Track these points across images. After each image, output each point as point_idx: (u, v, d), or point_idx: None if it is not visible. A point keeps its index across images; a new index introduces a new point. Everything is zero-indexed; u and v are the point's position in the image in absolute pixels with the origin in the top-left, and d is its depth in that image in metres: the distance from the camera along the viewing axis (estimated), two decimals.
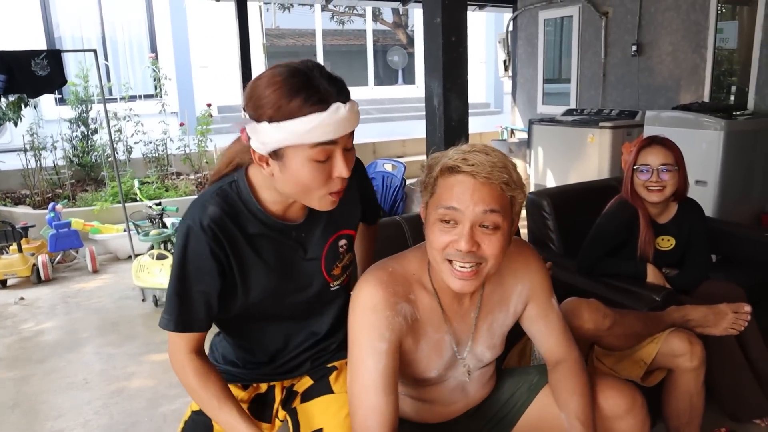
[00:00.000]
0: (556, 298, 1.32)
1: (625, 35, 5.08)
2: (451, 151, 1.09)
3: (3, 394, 2.59)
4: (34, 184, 5.42)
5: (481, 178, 1.04)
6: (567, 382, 1.26)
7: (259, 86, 0.99)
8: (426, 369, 1.20)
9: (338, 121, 0.97)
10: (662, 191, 1.97)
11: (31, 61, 3.35)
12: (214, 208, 1.07)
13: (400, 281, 1.16)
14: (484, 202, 1.04)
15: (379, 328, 1.11)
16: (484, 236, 1.06)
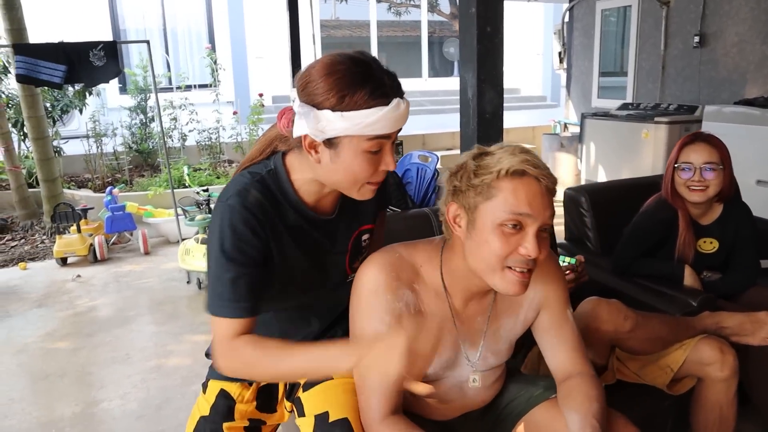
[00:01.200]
0: (572, 312, 1.25)
1: (687, 25, 4.82)
2: (499, 154, 1.04)
3: (54, 364, 2.77)
4: (95, 169, 5.72)
5: (544, 182, 1.03)
6: (586, 389, 1.17)
7: (319, 73, 0.97)
8: None
9: (398, 116, 0.99)
10: (705, 191, 1.86)
11: (89, 52, 3.53)
12: (256, 194, 1.05)
13: (406, 268, 1.14)
14: (550, 209, 1.04)
15: (379, 312, 1.09)
16: (542, 240, 1.04)
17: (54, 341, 3.02)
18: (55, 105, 5.65)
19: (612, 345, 1.56)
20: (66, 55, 3.52)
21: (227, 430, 1.20)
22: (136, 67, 6.08)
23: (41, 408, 2.39)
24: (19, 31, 4.54)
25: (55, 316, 3.34)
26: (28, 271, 4.18)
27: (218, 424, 1.21)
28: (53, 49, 3.54)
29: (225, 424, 1.21)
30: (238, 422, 1.22)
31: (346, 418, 1.12)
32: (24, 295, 3.71)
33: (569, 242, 2.52)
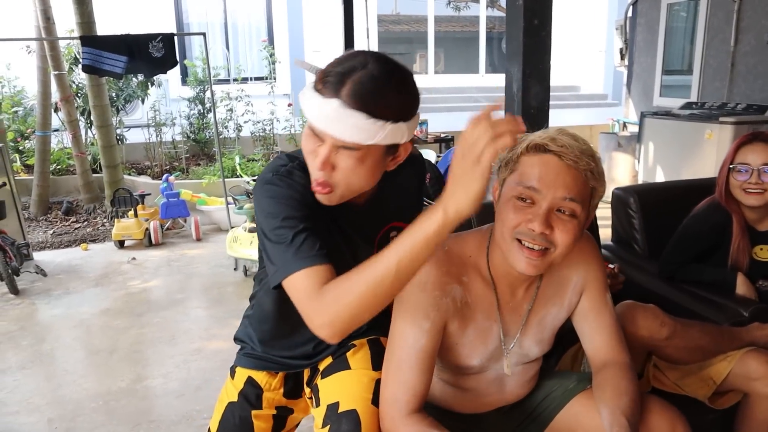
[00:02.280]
0: (610, 296, 1.24)
1: (761, 20, 4.53)
2: (538, 132, 1.05)
3: (106, 340, 2.91)
4: (154, 157, 5.96)
5: (568, 160, 1.01)
6: (617, 382, 1.15)
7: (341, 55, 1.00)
8: (469, 356, 1.17)
9: (324, 114, 0.92)
10: (762, 195, 1.74)
11: (149, 43, 3.68)
12: (300, 174, 1.04)
13: (455, 261, 1.13)
14: (567, 187, 1.00)
15: (425, 307, 1.09)
16: (558, 221, 1.02)
17: (107, 319, 3.18)
18: (119, 95, 5.93)
19: (648, 352, 1.49)
20: (127, 47, 3.69)
21: (255, 418, 1.21)
22: (196, 59, 6.29)
23: (91, 381, 2.53)
24: (88, 25, 4.79)
25: (109, 296, 3.51)
26: (88, 252, 4.42)
27: (247, 411, 1.22)
28: (116, 41, 3.72)
29: (254, 412, 1.22)
30: (266, 410, 1.24)
31: (355, 409, 1.12)
32: (83, 274, 3.92)
33: (616, 244, 2.42)
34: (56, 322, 3.16)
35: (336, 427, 1.10)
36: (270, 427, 1.25)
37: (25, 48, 5.67)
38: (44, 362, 2.73)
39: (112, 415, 2.25)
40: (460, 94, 9.76)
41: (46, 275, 3.81)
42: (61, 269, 4.01)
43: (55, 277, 3.85)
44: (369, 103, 0.92)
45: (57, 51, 5.04)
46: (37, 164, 5.34)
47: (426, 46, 11.34)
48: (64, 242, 4.66)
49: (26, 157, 6.00)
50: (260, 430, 1.23)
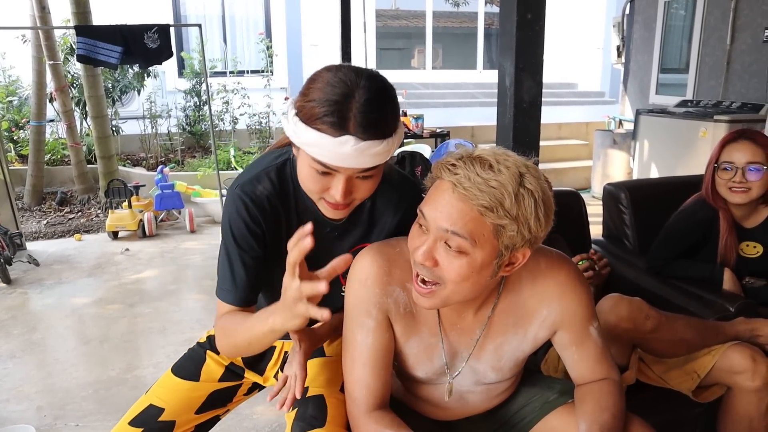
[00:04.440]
0: (598, 326, 1.13)
1: (757, 18, 4.53)
2: (460, 151, 0.96)
3: (97, 330, 2.91)
4: (149, 148, 5.95)
5: (457, 192, 0.90)
6: (599, 397, 1.10)
7: (314, 78, 0.96)
8: (413, 367, 1.13)
9: (341, 153, 0.91)
10: (747, 192, 1.75)
11: (144, 34, 3.66)
12: (267, 185, 1.08)
13: (402, 265, 1.06)
14: (450, 219, 0.91)
15: (366, 304, 1.06)
16: (445, 255, 0.93)
17: (99, 309, 3.18)
18: (114, 86, 5.91)
19: (633, 345, 1.50)
20: (122, 37, 3.67)
21: (209, 356, 1.29)
22: (193, 51, 6.27)
23: (81, 370, 2.53)
24: (84, 15, 4.76)
25: (102, 286, 3.51)
26: (82, 242, 4.42)
27: (204, 350, 1.30)
28: (111, 31, 3.70)
29: (209, 353, 1.30)
30: (222, 359, 1.30)
31: (322, 395, 1.14)
32: (76, 264, 3.92)
33: (606, 239, 2.43)
34: (48, 312, 3.16)
35: (302, 411, 1.13)
36: (219, 375, 1.28)
37: (20, 37, 5.64)
38: (35, 351, 2.73)
39: (101, 404, 2.26)
40: (457, 90, 9.76)
41: (38, 265, 3.80)
42: (54, 259, 4.01)
43: (47, 266, 3.85)
44: (379, 130, 0.93)
45: (52, 41, 5.02)
46: (31, 154, 5.33)
47: (424, 41, 11.32)
48: (58, 232, 4.65)
49: (21, 147, 5.98)
50: (208, 371, 1.27)
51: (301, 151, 0.97)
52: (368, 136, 0.91)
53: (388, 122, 0.95)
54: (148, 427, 1.17)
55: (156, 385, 1.26)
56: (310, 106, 0.92)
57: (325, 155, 0.93)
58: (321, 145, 0.92)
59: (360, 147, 0.91)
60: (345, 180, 0.96)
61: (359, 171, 0.96)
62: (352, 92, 0.91)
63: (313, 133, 0.92)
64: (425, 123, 5.53)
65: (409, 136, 5.40)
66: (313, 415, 1.12)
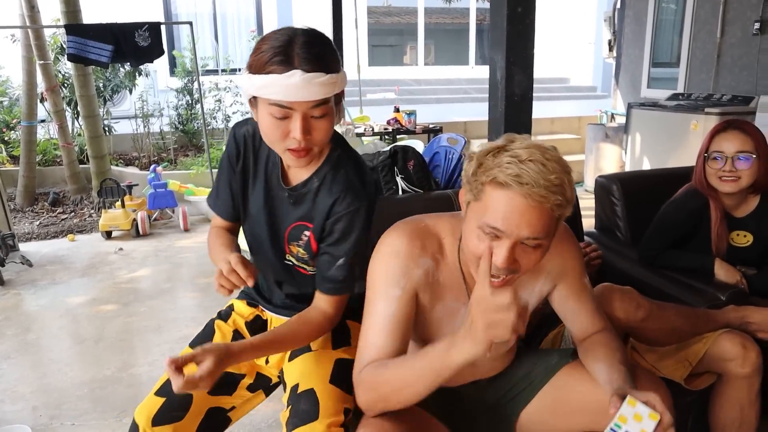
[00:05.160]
0: (588, 279, 1.27)
1: (747, 11, 4.56)
2: (505, 158, 0.98)
3: (91, 330, 2.91)
4: (141, 148, 5.92)
5: (533, 201, 0.96)
6: (608, 342, 1.19)
7: (261, 39, 1.09)
8: (436, 333, 1.20)
9: (290, 86, 1.01)
10: (737, 182, 1.77)
11: (135, 32, 3.65)
12: (249, 129, 1.26)
13: (431, 238, 1.16)
14: (531, 227, 0.97)
15: (396, 275, 1.11)
16: (523, 252, 1.01)
17: (93, 309, 3.17)
18: (106, 85, 5.88)
19: (626, 334, 1.51)
20: (113, 36, 3.66)
21: (218, 327, 1.39)
22: (185, 49, 6.24)
23: (76, 369, 2.52)
24: (74, 13, 4.74)
25: (96, 286, 3.50)
26: (75, 243, 4.40)
27: (213, 321, 1.42)
28: (101, 30, 3.69)
29: (218, 321, 1.41)
30: (228, 326, 1.40)
31: (312, 389, 1.17)
32: (70, 264, 3.90)
33: (599, 231, 2.45)
34: (42, 312, 3.15)
35: (295, 407, 1.16)
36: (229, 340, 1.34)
37: (10, 37, 5.60)
38: (29, 351, 2.72)
39: (97, 403, 2.25)
40: (449, 86, 9.76)
41: (32, 266, 3.79)
42: (48, 260, 3.99)
43: (41, 267, 3.83)
44: (321, 62, 1.04)
45: (42, 40, 4.98)
46: (22, 155, 5.29)
47: (416, 37, 11.31)
48: (51, 233, 4.63)
49: (12, 147, 5.94)
50: (218, 340, 1.34)
51: (260, 105, 1.08)
52: (312, 67, 1.02)
53: (328, 58, 1.06)
54: (170, 397, 1.24)
55: None
56: (259, 56, 1.04)
57: (278, 92, 1.03)
58: (272, 84, 1.02)
59: (306, 77, 1.02)
60: (301, 118, 1.06)
61: (311, 105, 1.06)
62: (293, 37, 1.04)
63: (264, 77, 1.03)
64: (418, 119, 5.53)
65: (402, 131, 5.40)
66: (305, 409, 1.14)
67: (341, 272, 1.19)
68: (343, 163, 1.20)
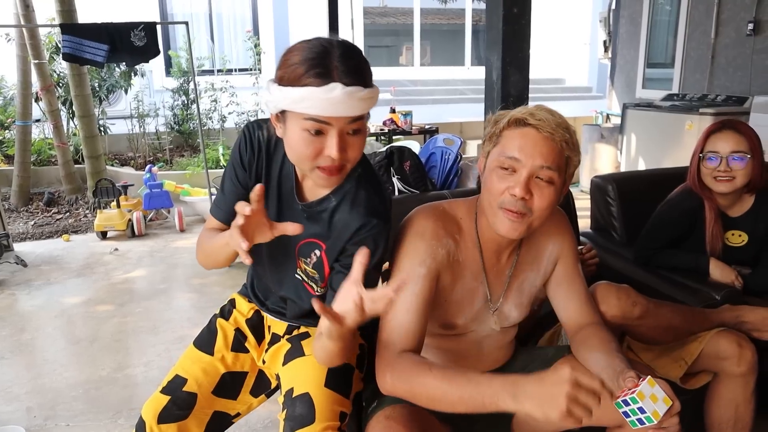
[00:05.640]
0: (580, 265, 1.35)
1: (741, 12, 4.58)
2: (519, 107, 1.15)
3: (86, 330, 2.90)
4: (137, 148, 5.91)
5: (545, 132, 1.10)
6: (601, 334, 1.24)
7: (290, 49, 1.02)
8: (455, 314, 1.25)
9: (330, 100, 0.95)
10: (731, 181, 1.78)
11: (130, 32, 3.63)
12: (265, 134, 1.17)
13: (450, 220, 1.23)
14: (543, 156, 1.10)
15: (422, 254, 1.17)
16: (537, 188, 1.11)
17: (88, 309, 3.16)
18: (101, 85, 5.86)
19: (621, 332, 1.51)
20: (108, 35, 3.64)
21: (219, 326, 1.38)
22: (180, 49, 6.22)
23: (71, 370, 2.51)
24: (69, 13, 4.72)
25: (91, 286, 3.49)
26: (70, 243, 4.38)
27: (216, 318, 1.40)
28: (97, 29, 3.67)
29: (220, 320, 1.39)
30: (230, 324, 1.39)
31: (308, 392, 1.16)
32: (65, 265, 3.89)
33: (595, 231, 2.46)
34: (36, 312, 3.13)
35: (291, 411, 1.15)
36: (230, 344, 1.36)
37: (4, 36, 5.58)
38: (24, 352, 2.71)
39: (92, 404, 2.24)
40: (445, 87, 9.77)
41: (26, 266, 3.77)
42: (42, 260, 3.97)
43: (35, 267, 3.81)
44: (361, 76, 1.00)
45: (37, 39, 4.96)
46: (17, 155, 5.27)
47: (412, 38, 11.32)
48: (46, 233, 4.61)
49: (6, 147, 5.91)
50: (221, 340, 1.35)
51: (290, 120, 1.01)
52: (352, 81, 0.97)
53: (366, 72, 1.02)
54: (175, 395, 1.25)
55: (182, 356, 1.35)
56: (293, 69, 0.98)
57: (317, 106, 0.97)
58: (311, 98, 0.96)
59: (347, 91, 0.96)
60: (338, 135, 1.01)
61: (349, 121, 1.00)
62: (329, 48, 0.99)
63: (301, 90, 0.96)
64: (414, 119, 5.53)
65: (398, 132, 5.40)
66: (301, 413, 1.14)
67: None
68: (364, 184, 1.14)
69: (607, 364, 1.14)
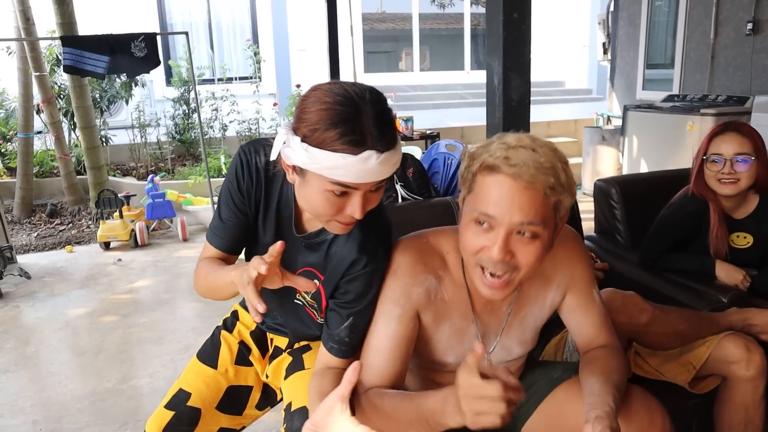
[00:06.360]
0: (598, 290, 1.22)
1: (739, 12, 4.58)
2: (494, 145, 0.97)
3: (91, 342, 2.89)
4: (139, 158, 5.92)
5: (523, 181, 0.93)
6: (607, 360, 1.13)
7: (310, 98, 0.95)
8: (444, 352, 1.16)
9: (365, 170, 0.91)
10: (736, 184, 1.77)
11: (131, 43, 3.65)
12: (262, 159, 1.11)
13: (433, 255, 1.12)
14: (523, 211, 0.94)
15: (396, 294, 1.09)
16: (520, 244, 0.97)
17: (93, 320, 3.16)
18: (102, 96, 5.88)
19: (629, 339, 1.51)
20: (109, 47, 3.66)
21: (223, 339, 1.37)
22: (180, 59, 6.25)
23: (76, 382, 2.51)
24: (69, 25, 4.74)
25: (95, 297, 3.49)
26: (73, 254, 4.38)
27: (220, 331, 1.39)
28: (97, 41, 3.68)
29: (224, 333, 1.38)
30: (234, 337, 1.38)
31: (305, 406, 1.16)
32: (68, 276, 3.89)
33: (599, 235, 2.45)
34: (41, 325, 3.13)
35: (289, 425, 1.16)
36: (234, 357, 1.35)
37: (5, 49, 5.60)
38: (29, 364, 2.70)
39: (98, 416, 2.24)
40: (445, 91, 9.79)
41: (30, 278, 3.77)
42: (46, 271, 3.97)
43: (39, 279, 3.82)
44: (391, 140, 0.95)
45: (37, 52, 4.98)
46: (19, 167, 5.28)
47: (411, 43, 11.35)
48: (49, 245, 4.62)
49: (8, 159, 5.93)
50: (225, 353, 1.34)
51: (312, 177, 0.95)
52: (385, 147, 0.93)
53: (396, 131, 0.98)
54: (179, 411, 1.24)
55: (185, 370, 1.34)
56: (322, 129, 0.90)
57: (347, 175, 0.91)
58: (344, 166, 0.90)
59: (382, 159, 0.92)
60: (362, 196, 0.97)
61: (375, 184, 0.97)
62: (361, 108, 0.91)
63: (332, 155, 0.90)
64: (415, 125, 5.54)
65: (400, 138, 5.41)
66: (299, 427, 1.13)
67: (349, 333, 1.11)
68: (367, 220, 1.06)
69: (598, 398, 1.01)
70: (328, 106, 0.91)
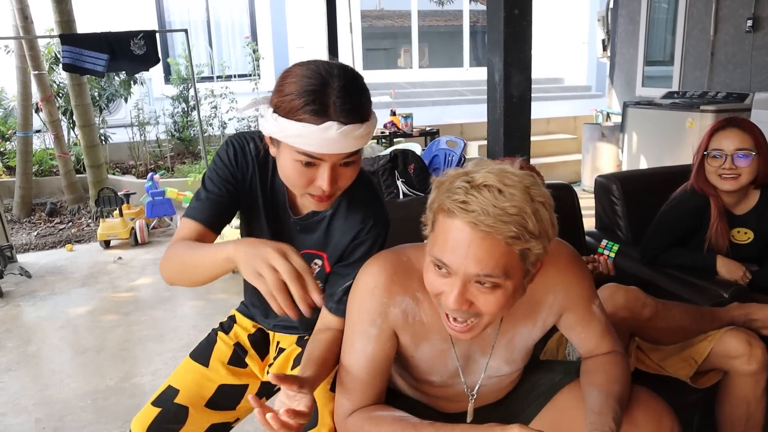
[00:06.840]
0: (599, 302, 1.16)
1: (739, 9, 4.59)
2: (458, 181, 0.88)
3: (92, 340, 2.89)
4: (138, 156, 5.91)
5: (480, 231, 0.85)
6: (610, 368, 1.10)
7: (287, 74, 0.99)
8: (427, 372, 1.14)
9: (325, 139, 0.94)
10: (737, 179, 1.77)
11: (130, 41, 3.65)
12: (253, 147, 1.14)
13: (411, 274, 1.06)
14: (480, 263, 0.86)
15: (371, 313, 1.05)
16: (479, 293, 0.90)
17: (94, 319, 3.16)
18: (101, 94, 5.87)
19: (631, 333, 1.51)
20: (108, 45, 3.65)
21: (219, 338, 1.36)
22: (179, 57, 6.24)
23: (78, 380, 2.51)
24: (68, 23, 4.73)
25: (96, 296, 3.49)
26: (74, 253, 4.38)
27: (216, 332, 1.38)
28: (96, 39, 3.68)
29: (220, 333, 1.38)
30: (230, 338, 1.37)
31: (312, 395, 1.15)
32: (69, 275, 3.89)
33: (600, 231, 2.45)
34: (42, 323, 3.13)
35: None
36: (227, 358, 1.33)
37: (4, 48, 5.59)
38: (30, 363, 2.70)
39: (100, 414, 2.24)
40: (444, 88, 9.79)
41: (30, 277, 3.77)
42: (46, 270, 3.97)
43: (40, 278, 3.81)
44: (358, 113, 0.97)
45: (36, 50, 4.97)
46: (18, 166, 5.27)
47: (410, 40, 11.34)
48: (49, 243, 4.61)
49: (8, 158, 5.92)
50: (219, 353, 1.33)
51: (283, 148, 1.00)
52: (349, 119, 0.95)
53: (365, 106, 0.99)
54: (166, 407, 1.21)
55: (177, 368, 1.32)
56: (289, 99, 0.95)
57: (311, 144, 0.95)
58: (305, 135, 0.94)
59: (343, 131, 0.94)
60: (330, 168, 0.99)
61: (343, 157, 0.99)
62: (327, 81, 0.95)
63: (296, 124, 0.94)
64: (414, 122, 5.54)
65: (399, 135, 5.41)
66: None
67: (347, 290, 1.13)
68: (356, 187, 1.10)
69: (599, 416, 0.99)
70: (298, 78, 0.96)
